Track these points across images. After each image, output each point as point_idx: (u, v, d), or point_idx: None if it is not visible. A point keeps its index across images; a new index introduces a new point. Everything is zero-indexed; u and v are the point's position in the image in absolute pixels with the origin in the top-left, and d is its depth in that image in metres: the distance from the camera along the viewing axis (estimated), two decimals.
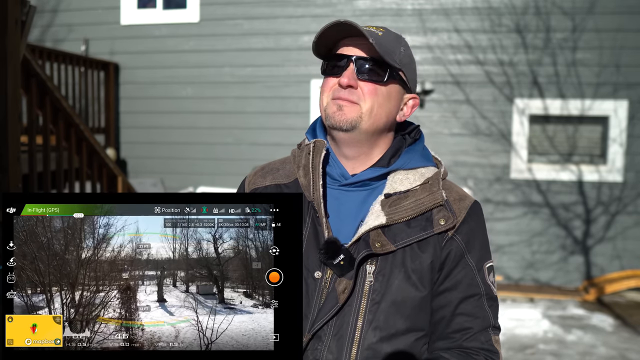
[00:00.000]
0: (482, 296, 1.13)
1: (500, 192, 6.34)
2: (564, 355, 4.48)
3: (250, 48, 6.65)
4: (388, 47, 1.10)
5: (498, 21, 6.23)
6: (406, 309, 1.10)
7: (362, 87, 1.10)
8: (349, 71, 1.09)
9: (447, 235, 1.12)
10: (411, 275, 1.09)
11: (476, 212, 1.16)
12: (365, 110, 1.10)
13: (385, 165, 1.16)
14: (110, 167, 4.56)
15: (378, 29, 1.12)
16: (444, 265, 1.12)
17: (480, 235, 1.16)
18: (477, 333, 1.11)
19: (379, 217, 1.09)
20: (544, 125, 6.32)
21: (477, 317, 1.12)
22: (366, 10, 6.47)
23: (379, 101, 1.11)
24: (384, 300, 1.09)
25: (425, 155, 1.19)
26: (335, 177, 1.17)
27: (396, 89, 1.14)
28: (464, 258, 1.12)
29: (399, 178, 1.14)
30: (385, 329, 1.09)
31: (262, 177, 1.26)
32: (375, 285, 1.09)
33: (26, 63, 3.51)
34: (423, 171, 1.16)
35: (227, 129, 6.74)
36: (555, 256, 6.31)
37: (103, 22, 6.93)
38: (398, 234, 1.09)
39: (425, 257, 1.10)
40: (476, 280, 1.13)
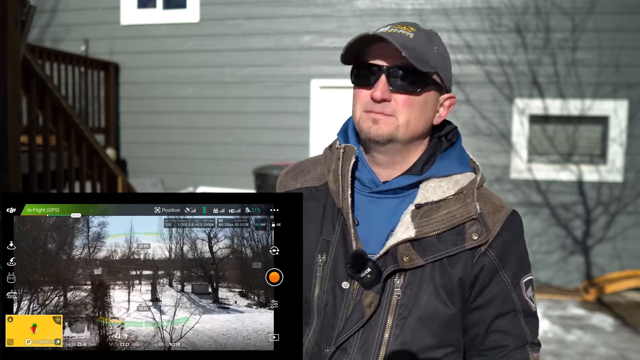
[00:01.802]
0: (518, 312, 1.09)
1: (500, 192, 6.33)
2: (564, 355, 4.48)
3: (250, 48, 6.65)
4: (421, 51, 1.04)
5: (498, 21, 6.23)
6: (434, 326, 1.06)
7: (397, 99, 1.05)
8: (381, 83, 1.04)
9: (480, 250, 1.06)
10: (440, 291, 1.06)
11: (512, 224, 1.10)
12: (401, 122, 1.05)
13: (419, 172, 1.11)
14: (110, 167, 4.56)
15: (409, 29, 1.06)
16: (475, 281, 1.08)
17: (517, 248, 1.10)
18: (512, 351, 1.08)
19: (408, 230, 1.05)
20: (544, 125, 6.32)
21: (513, 334, 1.08)
22: (366, 10, 6.47)
23: (415, 113, 1.06)
24: (412, 315, 1.06)
25: (461, 160, 1.15)
26: (365, 184, 1.13)
27: (432, 95, 1.08)
28: (498, 274, 1.08)
29: (431, 186, 1.09)
30: (411, 344, 1.06)
31: (292, 178, 1.22)
32: (403, 300, 1.06)
33: (26, 63, 3.51)
34: (458, 178, 1.11)
35: (227, 129, 6.74)
36: (555, 256, 6.31)
37: (103, 22, 6.94)
38: (428, 248, 1.05)
39: (455, 272, 1.06)
40: (511, 297, 1.09)
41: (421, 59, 1.03)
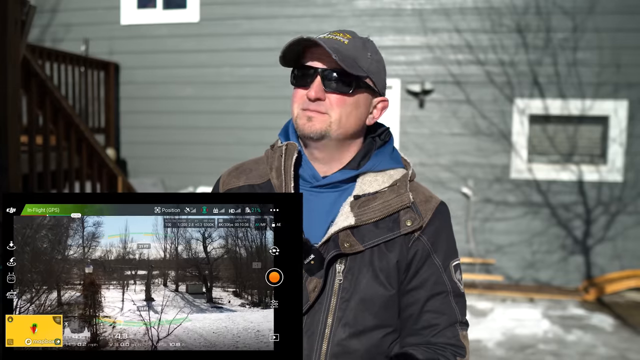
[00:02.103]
0: (448, 294, 1.17)
1: (500, 192, 6.33)
2: (564, 355, 4.48)
3: (250, 48, 6.65)
4: (355, 55, 1.13)
5: (499, 21, 6.23)
6: (374, 307, 1.13)
7: (330, 98, 1.13)
8: (316, 84, 1.13)
9: (414, 236, 1.16)
10: (379, 274, 1.13)
11: (442, 213, 1.20)
12: (334, 119, 1.13)
13: (355, 167, 1.19)
14: (110, 167, 4.56)
15: (345, 36, 1.15)
16: (410, 264, 1.16)
17: (446, 235, 1.20)
18: (444, 329, 1.15)
19: (347, 218, 1.13)
20: (544, 125, 6.32)
21: (444, 313, 1.16)
22: (366, 10, 6.47)
23: (347, 110, 1.14)
24: (353, 298, 1.13)
25: (394, 157, 1.23)
26: (307, 179, 1.20)
27: (364, 96, 1.17)
28: (430, 257, 1.17)
29: (368, 180, 1.18)
30: (354, 326, 1.12)
31: (235, 177, 1.28)
32: (345, 284, 1.13)
33: (26, 63, 3.51)
34: (392, 173, 1.19)
35: (227, 129, 6.74)
36: (555, 256, 6.31)
37: (103, 22, 6.93)
38: (366, 235, 1.13)
39: (392, 256, 1.14)
40: (442, 279, 1.17)
41: (353, 63, 1.12)
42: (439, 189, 6.18)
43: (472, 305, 5.60)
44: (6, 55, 2.78)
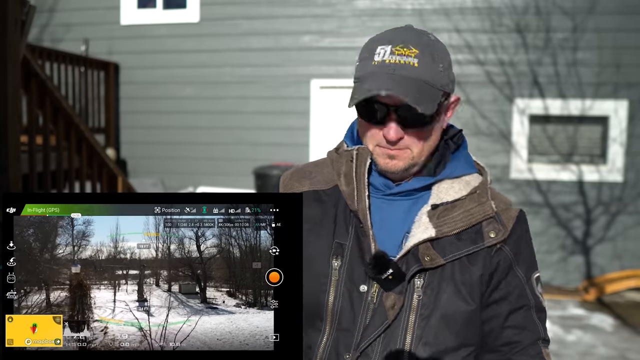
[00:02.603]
0: (530, 308, 1.10)
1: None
2: (564, 355, 4.48)
3: (250, 48, 6.65)
4: (428, 78, 1.01)
5: (498, 21, 6.23)
6: (456, 324, 1.06)
7: (409, 134, 1.05)
8: (393, 124, 1.03)
9: (496, 246, 1.09)
10: (461, 288, 1.06)
11: (523, 222, 1.13)
12: (416, 153, 1.06)
13: (432, 174, 1.12)
14: (110, 167, 4.56)
15: (412, 52, 1.02)
16: (492, 276, 1.08)
17: (527, 245, 1.14)
18: (526, 347, 1.08)
19: (427, 230, 1.05)
20: (544, 125, 6.32)
21: (526, 329, 1.09)
22: (366, 10, 6.47)
23: (429, 142, 1.07)
24: (433, 315, 1.05)
25: (468, 162, 1.16)
26: (378, 187, 1.12)
27: (441, 118, 1.09)
28: (513, 269, 1.09)
29: (444, 187, 1.10)
30: (435, 345, 1.05)
31: (298, 181, 1.20)
32: (424, 300, 1.05)
33: (26, 63, 3.51)
34: (468, 179, 1.13)
35: (227, 129, 6.74)
36: (555, 256, 6.31)
37: (103, 21, 6.94)
38: (447, 247, 1.06)
39: (475, 270, 1.07)
40: (525, 291, 1.10)
41: (430, 94, 1.01)
42: None
43: None
44: (6, 55, 2.78)
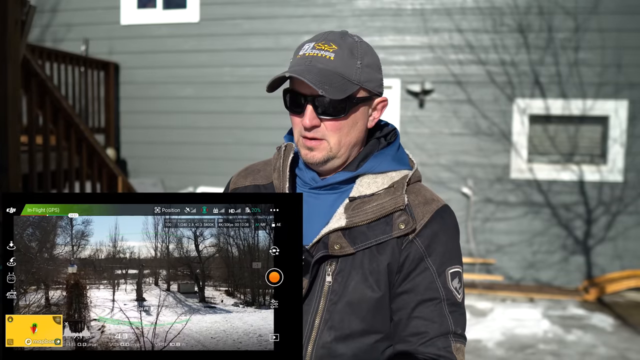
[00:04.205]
0: (441, 301, 1.11)
1: (500, 192, 6.33)
2: (564, 355, 4.48)
3: (250, 48, 6.65)
4: (343, 71, 1.08)
5: (500, 21, 6.23)
6: (362, 310, 1.10)
7: (325, 124, 1.11)
8: (309, 112, 1.10)
9: (408, 239, 1.12)
10: (368, 276, 1.10)
11: (442, 216, 1.15)
12: (333, 144, 1.12)
13: (354, 169, 1.17)
14: (110, 167, 4.56)
15: (330, 48, 1.10)
16: (402, 267, 1.12)
17: (445, 239, 1.14)
18: (434, 338, 1.09)
19: (339, 220, 1.11)
20: (545, 125, 6.31)
21: (434, 321, 1.10)
22: (366, 10, 6.46)
23: (344, 132, 1.12)
24: (341, 300, 1.10)
25: (398, 159, 1.20)
26: (306, 181, 1.19)
27: (360, 110, 1.13)
28: (424, 261, 1.12)
29: (366, 182, 1.15)
30: (339, 329, 1.10)
31: (243, 177, 1.30)
32: (334, 286, 1.11)
33: (26, 63, 3.51)
34: (393, 175, 1.16)
35: (227, 129, 6.74)
36: (556, 256, 6.30)
37: (103, 21, 6.93)
38: (358, 237, 1.11)
39: (382, 259, 1.11)
40: (435, 285, 1.11)
41: (342, 84, 1.07)
42: (439, 189, 6.18)
43: (472, 305, 5.59)
44: (6, 55, 2.78)
